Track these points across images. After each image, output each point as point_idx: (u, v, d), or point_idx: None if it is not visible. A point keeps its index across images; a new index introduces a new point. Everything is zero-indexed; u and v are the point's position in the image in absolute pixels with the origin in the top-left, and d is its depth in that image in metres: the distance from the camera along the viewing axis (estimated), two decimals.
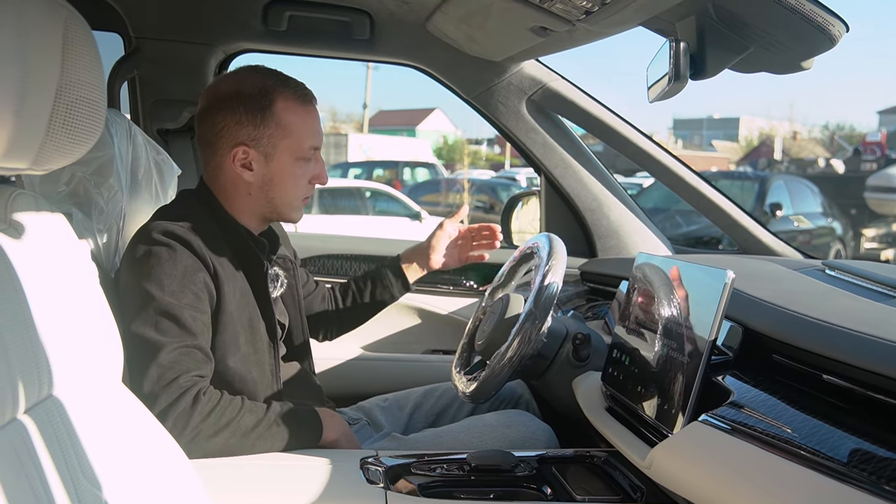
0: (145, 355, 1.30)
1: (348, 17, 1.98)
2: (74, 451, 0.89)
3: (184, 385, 1.28)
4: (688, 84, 1.28)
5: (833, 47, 1.24)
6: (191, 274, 1.35)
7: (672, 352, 1.17)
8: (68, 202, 1.41)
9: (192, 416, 1.27)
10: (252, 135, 1.42)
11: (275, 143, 1.42)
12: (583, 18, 1.44)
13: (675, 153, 2.22)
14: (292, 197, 1.48)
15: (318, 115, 1.49)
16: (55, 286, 0.95)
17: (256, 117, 1.41)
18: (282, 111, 1.42)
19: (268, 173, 1.44)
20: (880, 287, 1.33)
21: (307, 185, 1.49)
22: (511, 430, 1.54)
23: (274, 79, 1.44)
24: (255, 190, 1.45)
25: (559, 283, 1.52)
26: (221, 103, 1.43)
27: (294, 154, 1.44)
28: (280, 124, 1.42)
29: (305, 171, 1.47)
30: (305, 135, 1.44)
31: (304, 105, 1.45)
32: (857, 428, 0.92)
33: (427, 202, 12.04)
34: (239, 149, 1.42)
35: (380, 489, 1.22)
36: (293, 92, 1.44)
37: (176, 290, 1.33)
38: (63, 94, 0.86)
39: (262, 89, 1.42)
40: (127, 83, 2.05)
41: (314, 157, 1.48)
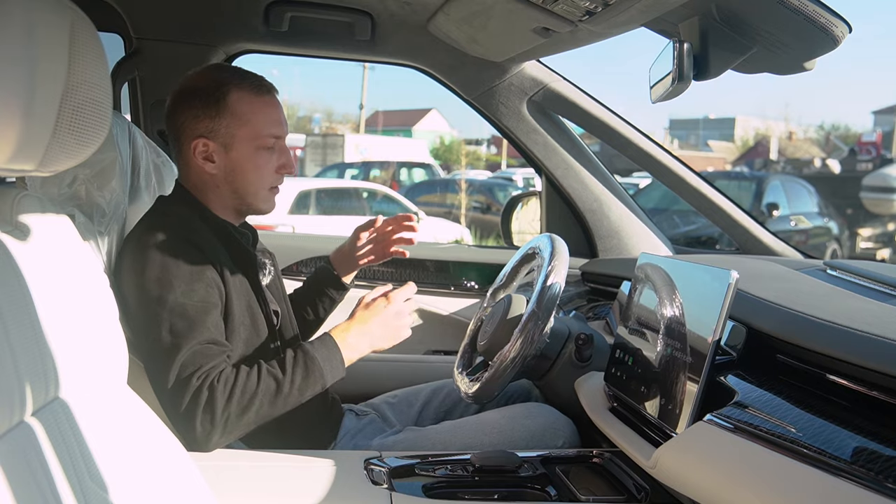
0: (163, 360, 1.31)
1: (350, 18, 1.98)
2: (81, 453, 0.88)
3: (196, 383, 1.30)
4: (691, 84, 1.28)
5: (836, 48, 1.24)
6: (197, 272, 1.37)
7: (675, 352, 1.17)
8: (70, 204, 1.40)
9: (214, 407, 1.29)
10: (209, 126, 1.45)
11: (232, 133, 1.45)
12: (585, 19, 1.44)
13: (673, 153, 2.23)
14: (257, 186, 1.49)
15: (277, 106, 1.50)
16: (61, 288, 0.95)
17: (212, 109, 1.44)
18: (236, 101, 1.44)
19: (229, 163, 1.46)
20: (882, 287, 1.33)
21: (273, 175, 1.51)
22: (531, 420, 1.54)
23: (229, 73, 1.49)
24: (221, 182, 1.48)
25: (562, 283, 1.52)
26: (180, 100, 1.47)
27: (253, 143, 1.46)
28: (235, 114, 1.44)
29: (268, 161, 1.49)
30: (262, 123, 1.46)
31: (260, 95, 1.47)
32: (862, 427, 0.92)
33: (424, 202, 12.02)
34: (199, 141, 1.45)
35: (384, 490, 1.22)
36: (248, 83, 1.46)
37: (186, 290, 1.35)
38: (70, 96, 0.86)
39: (217, 82, 1.45)
40: (127, 84, 2.05)
41: (277, 146, 1.49)
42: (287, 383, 1.34)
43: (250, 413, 1.31)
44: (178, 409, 1.29)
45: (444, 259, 2.32)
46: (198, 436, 1.29)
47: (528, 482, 1.30)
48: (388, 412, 1.74)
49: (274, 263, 1.64)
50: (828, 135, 38.41)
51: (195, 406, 1.28)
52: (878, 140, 14.75)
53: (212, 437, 1.30)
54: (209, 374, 1.30)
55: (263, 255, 1.61)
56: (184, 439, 1.18)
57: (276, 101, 1.51)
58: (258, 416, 1.32)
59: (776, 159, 22.62)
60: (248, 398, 1.31)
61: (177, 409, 1.30)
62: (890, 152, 18.04)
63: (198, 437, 1.29)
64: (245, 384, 1.32)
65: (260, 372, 1.34)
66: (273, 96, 1.50)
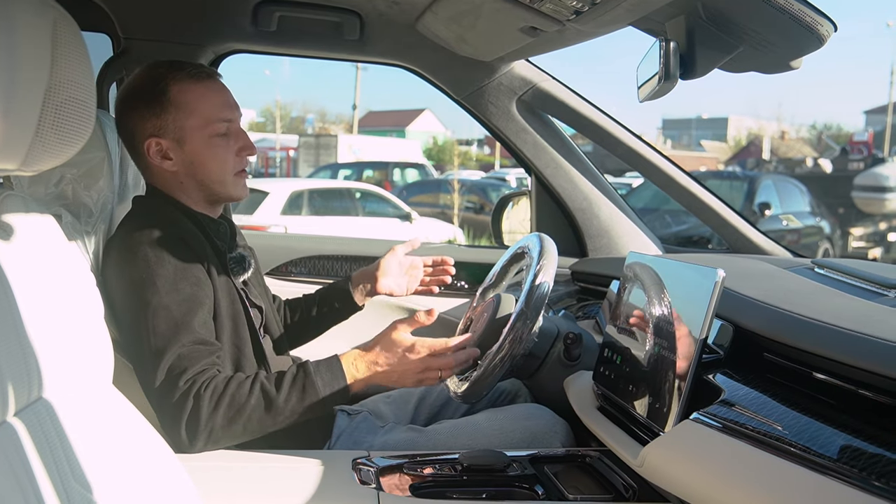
0: (149, 364, 1.30)
1: (338, 18, 1.97)
2: (64, 454, 0.88)
3: (182, 388, 1.28)
4: (678, 83, 1.28)
5: (822, 47, 1.24)
6: (182, 270, 1.36)
7: (663, 351, 1.17)
8: (57, 204, 1.40)
9: (199, 416, 1.27)
10: (157, 124, 1.43)
11: (181, 126, 1.43)
12: (573, 18, 1.44)
13: (665, 153, 2.23)
14: (221, 173, 1.48)
15: (221, 90, 1.48)
16: (45, 288, 0.95)
17: (156, 107, 1.43)
18: (177, 94, 1.43)
19: (186, 157, 1.45)
20: (869, 285, 1.33)
21: (235, 159, 1.49)
22: (531, 422, 1.53)
23: (165, 67, 1.46)
24: (184, 177, 1.47)
25: (550, 282, 1.52)
26: (123, 106, 1.46)
27: (204, 132, 1.44)
28: (179, 106, 1.43)
29: (226, 147, 1.47)
30: (209, 110, 1.44)
31: (200, 82, 1.45)
32: (847, 425, 0.92)
33: (417, 203, 12.02)
34: (150, 141, 1.44)
35: (372, 490, 1.22)
36: (185, 73, 1.44)
37: (170, 289, 1.33)
38: (52, 95, 0.85)
39: (154, 79, 1.44)
40: (116, 84, 2.04)
41: (230, 130, 1.47)
42: (281, 402, 1.31)
43: (237, 426, 1.29)
44: (165, 412, 1.28)
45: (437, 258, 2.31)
46: (182, 441, 1.28)
47: (516, 481, 1.30)
48: (385, 408, 1.73)
49: (253, 259, 1.62)
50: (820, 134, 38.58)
51: (180, 412, 1.27)
52: (870, 139, 14.79)
53: (195, 444, 1.28)
54: (196, 381, 1.29)
55: (244, 250, 1.59)
56: (170, 441, 1.17)
57: (220, 84, 1.49)
58: (246, 430, 1.30)
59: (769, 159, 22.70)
60: (236, 411, 1.29)
61: (163, 413, 1.29)
62: (881, 152, 18.14)
63: (182, 442, 1.28)
64: (234, 396, 1.29)
65: (253, 385, 1.31)
66: (215, 80, 1.48)
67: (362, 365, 1.37)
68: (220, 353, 1.36)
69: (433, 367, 1.37)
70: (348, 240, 2.46)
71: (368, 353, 1.38)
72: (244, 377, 1.33)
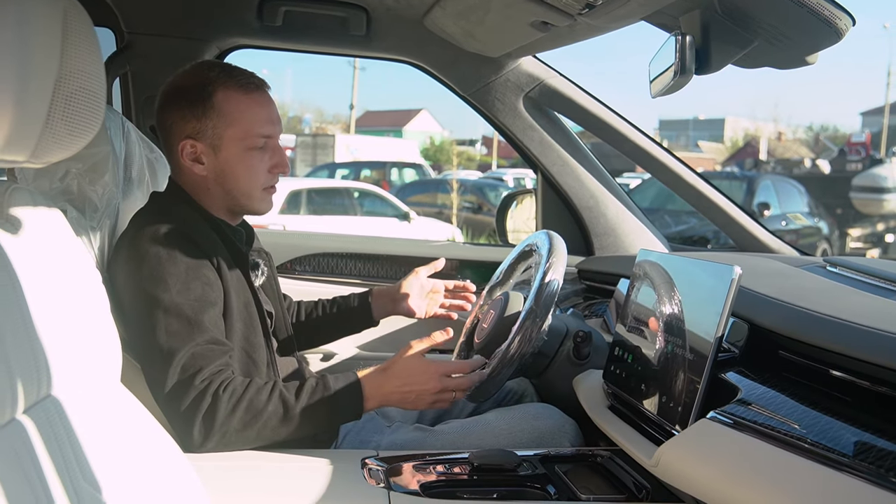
0: (161, 362, 1.29)
1: (345, 13, 1.96)
2: (73, 452, 0.87)
3: (199, 386, 1.27)
4: (692, 78, 1.27)
5: (839, 41, 1.23)
6: (193, 269, 1.34)
7: (677, 349, 1.16)
8: (62, 198, 1.38)
9: (215, 416, 1.26)
10: (196, 127, 1.41)
11: (220, 134, 1.41)
12: (584, 13, 1.43)
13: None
14: (250, 187, 1.45)
15: (267, 103, 1.46)
16: (53, 283, 0.93)
17: (198, 109, 1.40)
18: (222, 101, 1.40)
19: (218, 165, 1.43)
20: (882, 283, 1.33)
21: (266, 175, 1.46)
22: (539, 422, 1.52)
23: (216, 71, 1.44)
24: (212, 183, 1.45)
25: (560, 280, 1.51)
26: (167, 101, 1.44)
27: (242, 143, 1.42)
28: (222, 114, 1.41)
29: (260, 161, 1.45)
30: (250, 123, 1.42)
31: (248, 93, 1.42)
32: (865, 422, 0.92)
33: (415, 202, 12.00)
34: (186, 143, 1.42)
35: (382, 489, 1.21)
36: (234, 81, 1.42)
37: (182, 288, 1.32)
38: (62, 85, 0.84)
39: (203, 81, 1.42)
40: (119, 79, 2.03)
41: (268, 145, 1.45)
42: (297, 412, 1.30)
43: (251, 431, 1.28)
44: (177, 411, 1.26)
45: (438, 257, 2.30)
46: (194, 440, 1.26)
47: (527, 481, 1.29)
48: (391, 408, 1.71)
49: (269, 264, 1.61)
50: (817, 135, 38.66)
51: (195, 411, 1.26)
52: (868, 140, 14.82)
53: (206, 444, 1.27)
54: (213, 380, 1.28)
55: (259, 256, 1.58)
56: (180, 441, 1.16)
57: (267, 98, 1.46)
58: (260, 436, 1.29)
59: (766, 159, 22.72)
60: (253, 416, 1.28)
61: (175, 412, 1.27)
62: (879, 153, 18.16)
63: (193, 441, 1.26)
64: (252, 400, 1.28)
65: (272, 393, 1.30)
66: (263, 93, 1.45)
67: (379, 386, 1.37)
68: (232, 353, 1.35)
69: (448, 388, 1.38)
70: (353, 237, 2.45)
71: (386, 376, 1.38)
72: (263, 383, 1.32)
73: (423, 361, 1.38)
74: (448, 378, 1.39)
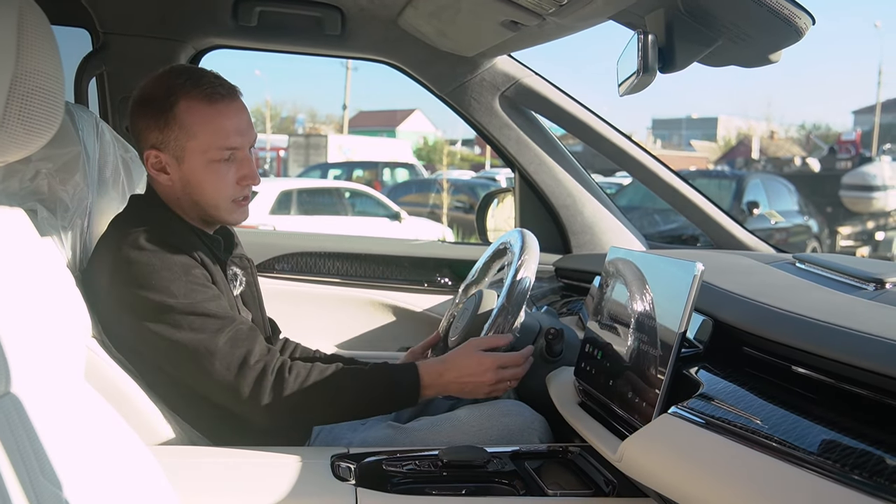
0: (198, 358, 1.32)
1: (319, 13, 1.97)
2: (33, 450, 0.87)
3: (256, 367, 1.33)
4: (657, 77, 1.28)
5: (800, 40, 1.24)
6: (189, 271, 1.35)
7: (644, 345, 1.17)
8: (32, 198, 1.38)
9: (283, 391, 1.33)
10: (159, 138, 1.40)
11: (181, 146, 1.39)
12: (553, 12, 1.44)
13: (654, 153, 2.23)
14: (217, 199, 1.43)
15: (234, 113, 1.41)
16: (14, 282, 0.93)
17: (160, 120, 1.38)
18: (184, 112, 1.38)
19: (183, 176, 1.41)
20: (848, 279, 1.34)
21: (235, 186, 1.43)
22: (508, 418, 1.52)
23: (183, 78, 1.40)
24: (179, 193, 1.44)
25: (532, 277, 1.52)
26: (134, 108, 1.43)
27: (204, 156, 1.39)
28: (183, 126, 1.38)
29: (226, 173, 1.42)
30: (213, 135, 1.39)
31: (212, 104, 1.39)
32: (825, 418, 0.92)
33: (407, 203, 12.01)
34: (151, 152, 1.41)
35: (350, 486, 1.21)
36: (199, 91, 1.38)
37: (187, 291, 1.33)
38: (18, 84, 0.84)
39: (168, 90, 1.39)
40: (95, 79, 2.03)
41: (235, 157, 1.42)
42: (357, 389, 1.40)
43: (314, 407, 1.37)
44: (238, 396, 1.33)
45: (418, 256, 2.32)
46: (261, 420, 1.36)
47: (496, 477, 1.30)
48: None
49: (251, 271, 1.60)
50: (808, 134, 38.80)
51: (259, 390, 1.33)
52: (858, 139, 14.86)
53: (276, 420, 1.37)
54: (267, 361, 1.35)
55: (239, 264, 1.56)
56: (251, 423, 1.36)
57: (235, 107, 1.42)
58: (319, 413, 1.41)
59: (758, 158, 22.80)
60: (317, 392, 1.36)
61: (237, 397, 1.33)
62: (869, 151, 18.24)
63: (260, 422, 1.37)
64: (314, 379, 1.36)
65: (334, 372, 1.39)
66: (230, 102, 1.41)
67: (439, 375, 1.44)
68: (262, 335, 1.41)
69: (504, 378, 1.46)
70: (333, 237, 2.46)
71: (445, 367, 1.45)
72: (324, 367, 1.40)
73: (479, 355, 1.45)
74: (503, 369, 1.46)
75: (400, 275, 2.28)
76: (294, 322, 1.95)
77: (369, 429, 1.55)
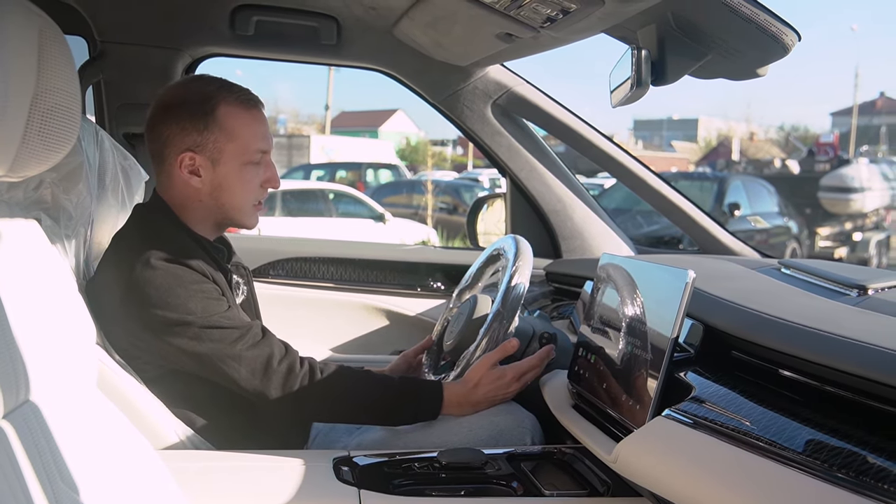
0: (223, 366, 1.37)
1: (315, 23, 1.99)
2: (52, 456, 0.89)
3: (281, 368, 1.38)
4: (649, 90, 1.32)
5: (787, 55, 1.29)
6: (202, 286, 1.38)
7: (636, 349, 1.20)
8: (36, 208, 1.39)
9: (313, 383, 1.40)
10: (197, 140, 1.43)
11: (220, 148, 1.43)
12: (547, 25, 1.47)
13: (636, 154, 2.27)
14: (243, 201, 1.48)
15: (264, 120, 1.50)
16: (30, 292, 0.96)
17: (200, 123, 1.42)
18: (225, 116, 1.43)
19: (216, 178, 1.45)
20: (832, 285, 1.37)
21: (258, 189, 1.49)
22: (499, 418, 1.55)
23: (217, 85, 1.46)
24: (206, 196, 1.46)
25: (526, 283, 1.55)
26: (166, 113, 1.45)
27: (241, 158, 1.44)
28: (224, 128, 1.43)
29: (255, 175, 1.47)
30: (251, 138, 1.45)
31: (248, 109, 1.46)
32: (811, 419, 0.96)
33: (391, 204, 12.00)
34: (185, 155, 1.44)
35: (353, 488, 1.24)
36: (236, 97, 1.45)
37: (204, 306, 1.37)
38: (39, 102, 0.87)
39: (205, 95, 1.44)
40: (92, 87, 2.04)
41: (263, 160, 1.48)
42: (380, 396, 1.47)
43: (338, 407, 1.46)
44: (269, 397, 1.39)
45: (410, 260, 2.34)
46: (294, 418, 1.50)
47: (493, 479, 1.33)
48: None
49: (248, 279, 1.63)
50: (787, 135, 39.07)
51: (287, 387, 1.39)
52: (836, 141, 14.98)
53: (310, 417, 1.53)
54: (294, 361, 1.41)
55: (237, 271, 1.59)
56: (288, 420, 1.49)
57: (263, 114, 1.50)
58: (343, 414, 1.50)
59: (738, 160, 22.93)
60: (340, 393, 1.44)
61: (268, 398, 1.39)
62: (847, 153, 18.40)
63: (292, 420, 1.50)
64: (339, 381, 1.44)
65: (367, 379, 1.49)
66: (260, 110, 1.49)
67: (466, 397, 1.50)
68: None
69: (527, 381, 1.54)
70: (328, 242, 2.48)
71: (469, 389, 1.50)
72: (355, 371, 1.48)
73: (500, 370, 1.51)
74: (525, 375, 1.53)
75: (393, 279, 2.31)
76: (288, 327, 1.96)
77: (364, 432, 1.58)
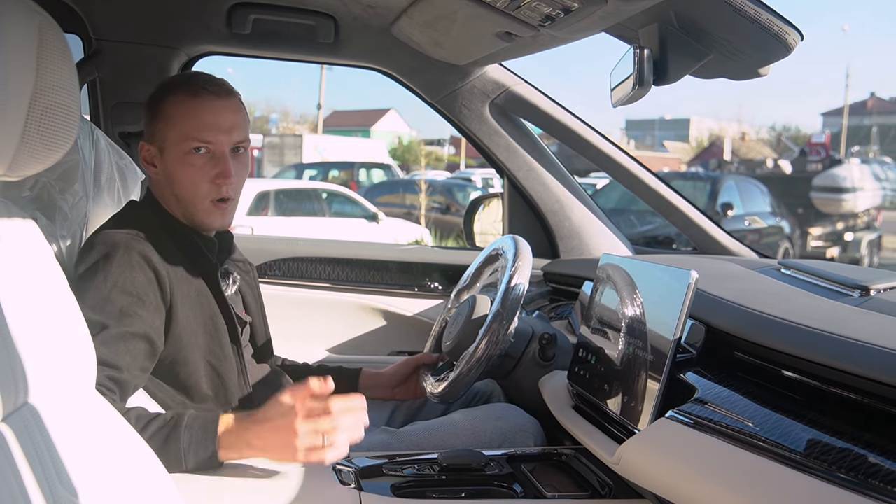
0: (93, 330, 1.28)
1: (313, 21, 1.98)
2: (51, 458, 0.88)
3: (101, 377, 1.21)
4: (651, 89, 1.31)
5: (789, 55, 1.28)
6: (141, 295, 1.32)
7: (637, 350, 1.20)
8: (32, 207, 1.39)
9: None
10: (150, 130, 1.46)
11: (164, 136, 1.43)
12: (547, 24, 1.46)
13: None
14: (193, 195, 1.43)
15: (216, 110, 1.43)
16: (28, 293, 0.94)
17: (150, 113, 1.46)
18: (169, 104, 1.43)
19: (165, 168, 1.44)
20: (834, 285, 1.37)
21: (210, 185, 1.43)
22: (502, 422, 1.55)
23: (180, 79, 1.49)
24: (165, 188, 1.46)
25: (525, 283, 1.55)
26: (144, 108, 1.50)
27: (181, 146, 1.41)
28: (166, 117, 1.43)
29: (201, 168, 1.42)
30: (190, 126, 1.41)
31: (194, 97, 1.42)
32: (815, 421, 0.96)
33: (384, 203, 12.00)
34: (143, 145, 1.47)
35: (353, 490, 1.23)
36: (186, 87, 1.44)
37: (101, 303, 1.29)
38: (38, 100, 0.85)
39: (161, 88, 1.47)
40: (87, 85, 2.03)
41: (211, 152, 1.42)
42: None
43: None
44: None
45: (407, 260, 2.34)
46: None
47: (494, 480, 1.32)
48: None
49: (246, 272, 1.61)
50: (779, 136, 39.26)
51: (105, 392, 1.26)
52: (827, 141, 15.03)
53: None
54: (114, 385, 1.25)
55: (233, 265, 1.57)
56: None
57: (218, 104, 1.43)
58: None
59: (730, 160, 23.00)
60: None
61: None
62: (838, 153, 18.48)
63: None
64: None
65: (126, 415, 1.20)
66: (212, 99, 1.42)
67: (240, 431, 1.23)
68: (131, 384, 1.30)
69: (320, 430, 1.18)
70: (324, 242, 2.47)
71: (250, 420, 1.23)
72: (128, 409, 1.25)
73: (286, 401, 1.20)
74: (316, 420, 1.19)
75: (390, 279, 2.30)
76: (285, 327, 1.96)
77: (365, 434, 1.57)
